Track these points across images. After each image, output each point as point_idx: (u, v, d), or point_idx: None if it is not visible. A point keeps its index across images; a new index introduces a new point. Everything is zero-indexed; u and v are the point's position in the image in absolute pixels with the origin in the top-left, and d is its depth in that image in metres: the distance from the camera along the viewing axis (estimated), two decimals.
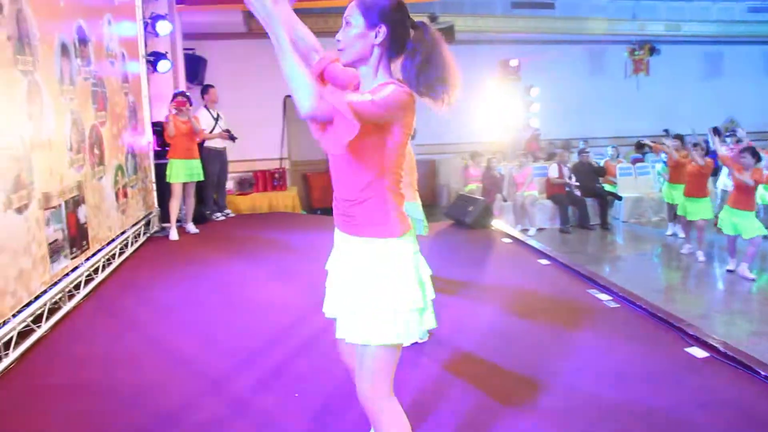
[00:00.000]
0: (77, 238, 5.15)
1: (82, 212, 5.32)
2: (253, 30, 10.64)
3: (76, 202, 5.19)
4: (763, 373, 3.39)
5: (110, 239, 6.13)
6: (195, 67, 10.36)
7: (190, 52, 10.46)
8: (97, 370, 3.74)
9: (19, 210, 4.01)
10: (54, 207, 4.67)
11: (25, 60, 4.23)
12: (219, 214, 8.86)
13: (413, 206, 3.76)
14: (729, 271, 7.31)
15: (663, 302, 6.34)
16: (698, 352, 3.74)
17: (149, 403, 3.27)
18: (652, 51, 13.24)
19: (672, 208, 9.20)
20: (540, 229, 10.47)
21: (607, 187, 11.16)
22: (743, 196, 7.01)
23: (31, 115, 4.30)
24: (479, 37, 12.43)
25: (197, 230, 7.82)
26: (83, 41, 5.55)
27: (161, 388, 3.45)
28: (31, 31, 4.38)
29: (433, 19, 11.10)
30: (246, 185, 11.25)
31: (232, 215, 9.15)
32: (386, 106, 1.89)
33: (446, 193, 12.48)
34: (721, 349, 3.71)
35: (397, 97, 1.90)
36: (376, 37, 1.99)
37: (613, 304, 4.64)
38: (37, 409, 3.25)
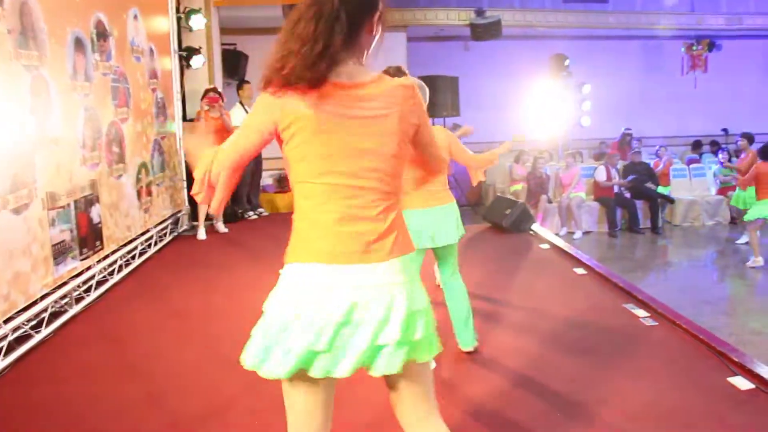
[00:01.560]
0: (89, 238, 5.01)
1: (96, 211, 5.18)
2: None
3: (89, 201, 5.05)
4: None
5: (129, 239, 6.00)
6: (235, 63, 10.25)
7: (231, 47, 10.35)
8: (82, 383, 3.56)
9: (17, 210, 3.86)
10: (62, 207, 4.52)
11: (29, 54, 4.09)
12: (252, 213, 8.70)
13: (419, 214, 3.42)
14: None
15: (713, 316, 5.95)
16: (742, 383, 3.30)
17: (133, 423, 3.06)
18: (711, 46, 12.49)
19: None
20: (586, 233, 9.98)
21: (660, 189, 10.58)
22: None
23: (35, 112, 4.15)
24: (528, 32, 12.00)
25: (227, 230, 7.66)
26: (103, 35, 5.41)
27: (149, 406, 3.24)
28: (37, 24, 4.24)
29: (480, 13, 10.74)
30: (285, 183, 11.08)
31: (266, 214, 8.96)
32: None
33: (492, 194, 12.07)
34: None
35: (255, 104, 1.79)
36: None
37: (650, 322, 4.21)
38: (12, 427, 3.08)
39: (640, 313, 4.37)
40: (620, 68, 12.72)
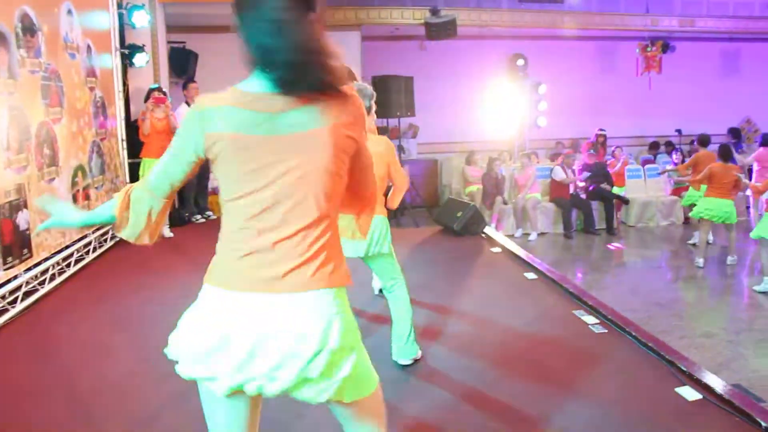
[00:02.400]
0: (14, 246, 4.71)
1: (24, 218, 4.88)
2: None
3: (15, 206, 4.75)
4: (765, 424, 2.86)
5: (64, 246, 5.70)
6: (184, 62, 9.93)
7: (180, 45, 10.04)
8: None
9: None
10: None
11: None
12: (199, 216, 8.42)
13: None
14: None
15: (665, 318, 5.90)
16: (689, 393, 3.20)
17: None
18: (666, 48, 12.57)
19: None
20: (542, 234, 9.92)
21: (615, 190, 10.59)
22: None
23: None
24: (485, 32, 11.91)
25: (172, 234, 7.38)
26: (30, 30, 5.10)
27: (72, 426, 3.00)
28: None
29: (435, 12, 10.60)
30: None
31: (214, 217, 8.68)
32: None
33: (448, 195, 11.97)
34: (719, 390, 3.18)
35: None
36: None
37: (599, 329, 4.11)
38: None
39: (590, 320, 4.27)
40: (576, 69, 12.74)
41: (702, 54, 13.37)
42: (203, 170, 8.40)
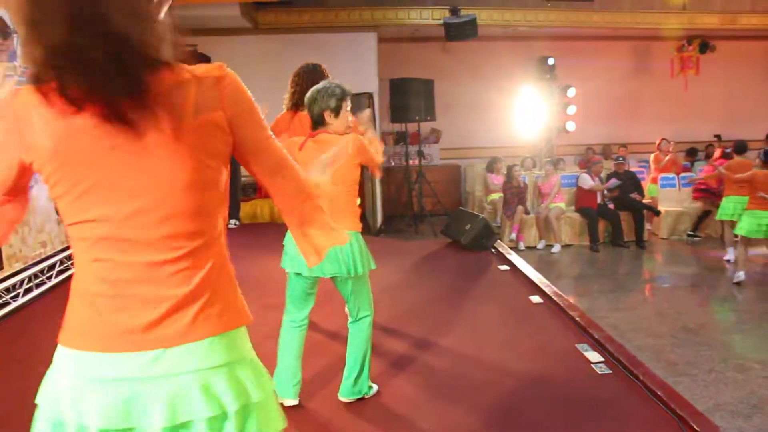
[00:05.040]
0: None
1: None
2: (260, 25, 9.89)
3: None
4: None
5: (44, 256, 5.41)
6: (195, 64, 9.69)
7: (190, 48, 9.78)
8: None
9: None
10: None
11: None
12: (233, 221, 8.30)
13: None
14: None
15: (693, 347, 5.32)
16: None
17: None
18: (704, 47, 11.82)
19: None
20: (566, 246, 9.35)
21: (650, 189, 9.99)
22: None
23: None
24: (509, 32, 11.38)
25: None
26: (4, 33, 4.82)
27: None
28: None
29: (455, 11, 10.11)
30: (249, 190, 10.49)
31: (233, 226, 8.40)
32: None
33: (472, 203, 11.49)
34: None
35: None
36: None
37: (603, 369, 3.59)
38: None
39: (593, 357, 3.74)
40: (607, 70, 12.11)
41: (744, 54, 12.55)
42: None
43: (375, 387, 3.36)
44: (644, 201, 9.86)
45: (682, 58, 11.89)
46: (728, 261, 8.16)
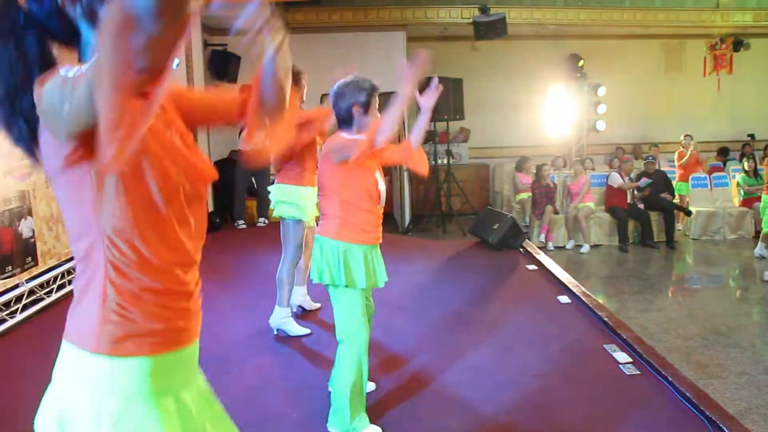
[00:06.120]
0: (15, 254, 4.55)
1: (27, 225, 4.71)
2: (290, 25, 9.97)
3: (18, 214, 4.58)
4: None
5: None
6: (224, 64, 9.81)
7: (221, 48, 9.90)
8: None
9: None
10: None
11: None
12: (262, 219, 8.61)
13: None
14: None
15: (724, 349, 5.25)
16: None
17: None
18: (738, 45, 11.61)
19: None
20: (595, 246, 9.26)
21: (679, 187, 9.85)
22: None
23: None
24: (539, 30, 11.31)
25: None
26: None
27: None
28: None
29: (484, 10, 10.08)
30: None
31: (263, 224, 8.54)
32: None
33: (500, 203, 11.46)
34: None
35: None
36: None
37: (631, 370, 3.57)
38: None
39: (621, 357, 3.72)
40: (638, 69, 11.98)
41: None
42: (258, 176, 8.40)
43: (371, 428, 2.89)
44: (674, 200, 9.75)
45: (715, 56, 11.70)
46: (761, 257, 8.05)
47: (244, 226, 8.42)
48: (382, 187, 2.86)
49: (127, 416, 1.16)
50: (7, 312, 4.52)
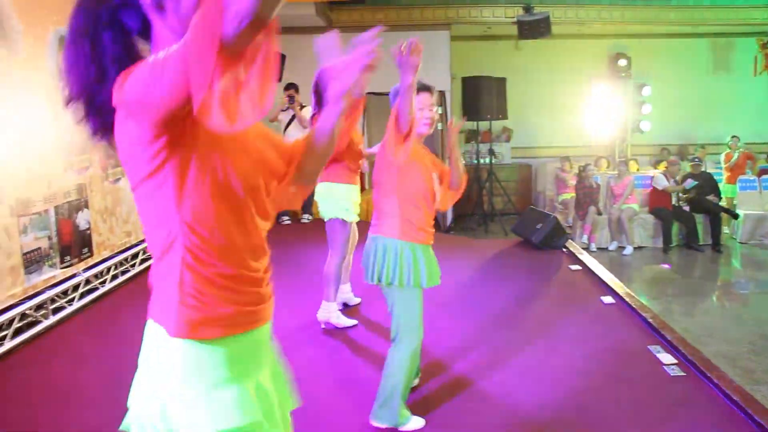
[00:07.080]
0: (73, 245, 4.74)
1: (83, 217, 4.90)
2: (333, 24, 10.06)
3: (75, 206, 4.77)
4: None
5: (128, 245, 5.73)
6: None
7: None
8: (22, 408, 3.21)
9: None
10: (38, 213, 4.25)
11: None
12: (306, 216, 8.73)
13: None
14: None
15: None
16: None
17: None
18: None
19: None
20: (638, 248, 9.15)
21: (725, 189, 9.67)
22: None
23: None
24: (582, 29, 11.20)
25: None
26: None
27: None
28: (8, 22, 3.99)
29: (528, 9, 10.03)
30: None
31: (306, 221, 8.62)
32: None
33: (542, 202, 11.39)
34: None
35: None
36: None
37: (676, 371, 3.56)
38: None
39: (666, 358, 3.71)
40: (685, 68, 11.77)
41: None
42: None
43: (414, 420, 2.97)
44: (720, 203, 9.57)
45: (766, 55, 11.41)
46: None
47: (289, 222, 8.51)
48: (437, 187, 2.93)
49: (214, 400, 1.23)
50: (66, 300, 4.71)
